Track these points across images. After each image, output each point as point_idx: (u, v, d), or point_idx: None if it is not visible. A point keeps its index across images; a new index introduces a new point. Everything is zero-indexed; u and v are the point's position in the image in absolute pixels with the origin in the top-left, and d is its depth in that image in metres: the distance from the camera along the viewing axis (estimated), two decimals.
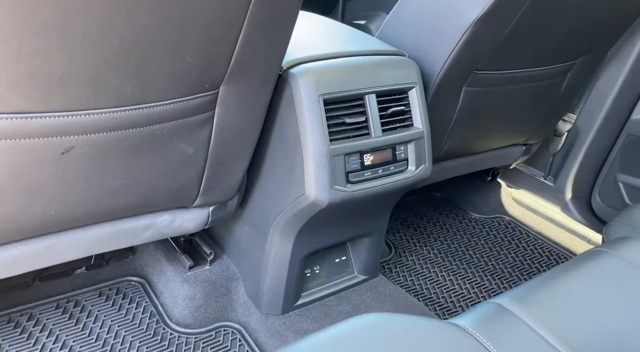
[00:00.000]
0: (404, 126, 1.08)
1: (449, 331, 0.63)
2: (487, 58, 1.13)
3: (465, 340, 0.62)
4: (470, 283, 1.48)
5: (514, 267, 1.57)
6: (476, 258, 1.59)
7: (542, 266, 1.59)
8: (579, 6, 1.10)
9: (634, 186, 1.60)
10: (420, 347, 0.59)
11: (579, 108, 1.63)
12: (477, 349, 0.61)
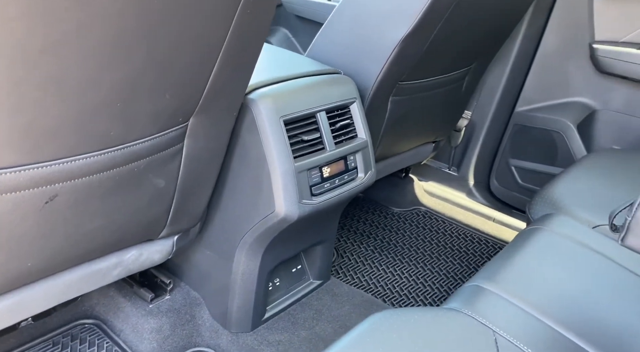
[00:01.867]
0: (350, 138, 1.18)
1: (451, 316, 0.73)
2: (409, 70, 1.28)
3: (466, 320, 0.73)
4: (409, 272, 1.63)
5: (439, 252, 1.75)
6: (407, 249, 1.75)
7: (460, 246, 1.79)
8: (476, 22, 1.30)
9: (523, 168, 1.88)
10: (437, 334, 0.68)
11: (473, 105, 1.88)
12: (478, 327, 0.72)
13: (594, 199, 1.14)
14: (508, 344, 0.69)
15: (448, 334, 0.69)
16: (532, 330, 0.72)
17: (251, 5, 0.75)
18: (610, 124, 1.69)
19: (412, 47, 1.18)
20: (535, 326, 0.73)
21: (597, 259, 0.89)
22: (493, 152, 1.96)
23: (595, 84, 1.69)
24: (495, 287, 0.81)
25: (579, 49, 1.69)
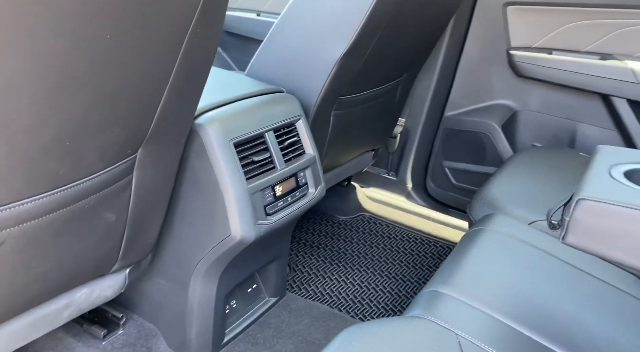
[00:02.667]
0: (299, 154, 1.20)
1: (416, 323, 0.77)
2: (349, 85, 1.32)
3: (430, 326, 0.77)
4: (360, 279, 1.67)
5: (387, 256, 1.81)
6: (356, 256, 1.79)
7: (405, 248, 1.86)
8: (405, 36, 1.37)
9: (456, 169, 1.99)
10: (407, 342, 0.71)
11: (405, 113, 1.96)
12: (441, 331, 0.76)
13: (527, 197, 1.23)
14: (471, 345, 0.73)
15: (416, 341, 0.72)
16: (491, 329, 0.78)
17: (198, 32, 0.75)
18: (531, 123, 1.83)
19: (351, 63, 1.22)
20: (492, 325, 0.79)
21: (538, 254, 0.97)
22: (427, 155, 2.06)
23: (515, 87, 1.83)
24: (452, 291, 0.85)
25: (498, 55, 1.82)
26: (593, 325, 0.84)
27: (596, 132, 1.71)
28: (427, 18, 1.42)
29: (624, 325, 0.86)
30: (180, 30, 0.71)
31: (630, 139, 1.63)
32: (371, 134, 1.71)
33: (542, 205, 1.20)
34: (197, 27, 0.73)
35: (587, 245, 0.67)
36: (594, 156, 0.81)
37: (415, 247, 1.88)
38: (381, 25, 1.18)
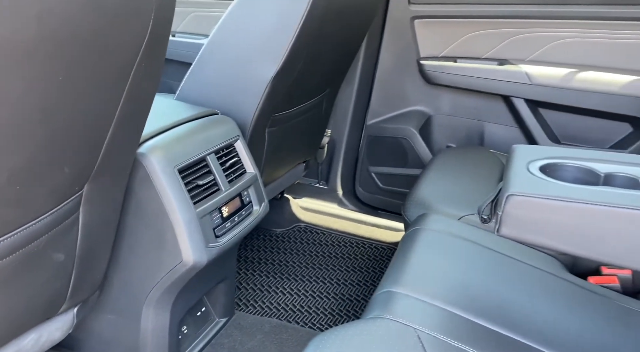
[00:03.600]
0: (240, 174, 1.22)
1: (378, 324, 0.83)
2: (281, 103, 1.36)
3: (391, 325, 0.83)
4: (304, 289, 1.71)
5: (327, 263, 1.87)
6: (298, 266, 1.84)
7: (343, 253, 1.94)
8: (328, 53, 1.44)
9: (382, 173, 2.10)
10: (374, 343, 0.77)
11: (331, 124, 2.04)
12: (402, 328, 0.82)
13: (452, 195, 1.35)
14: (428, 337, 0.81)
15: (382, 341, 0.78)
16: (443, 320, 0.86)
17: (144, 66, 0.76)
18: (444, 126, 1.99)
19: (282, 82, 1.27)
20: (443, 316, 0.87)
21: (471, 246, 1.08)
22: (354, 162, 2.16)
23: (427, 94, 1.98)
24: (404, 289, 0.93)
25: (410, 65, 1.96)
26: (525, 304, 0.95)
27: (501, 130, 1.90)
28: (345, 35, 1.51)
29: (550, 300, 0.98)
30: (127, 66, 0.72)
31: (529, 133, 1.83)
32: (302, 147, 1.77)
33: (466, 200, 1.32)
34: (142, 61, 0.74)
35: (519, 235, 0.77)
36: (511, 155, 0.93)
37: (352, 251, 1.96)
38: (308, 45, 1.24)
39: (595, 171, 0.85)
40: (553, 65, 1.75)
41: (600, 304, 1.03)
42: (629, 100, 1.65)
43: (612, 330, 0.94)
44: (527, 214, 0.75)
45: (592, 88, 1.69)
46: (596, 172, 0.85)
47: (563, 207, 0.74)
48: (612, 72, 1.68)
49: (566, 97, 1.72)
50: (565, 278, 1.09)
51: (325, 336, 0.80)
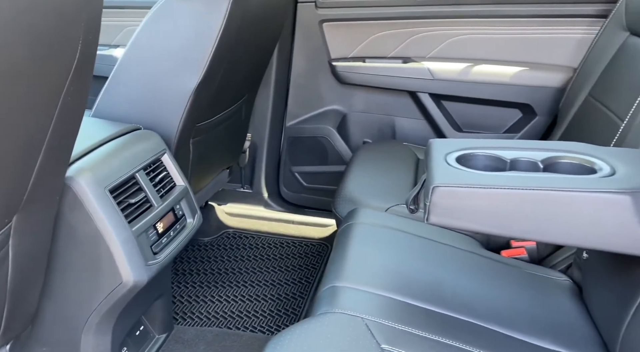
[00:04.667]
0: (171, 188, 1.21)
1: (329, 318, 0.87)
2: (203, 112, 1.37)
3: (340, 317, 0.88)
4: (242, 294, 1.72)
5: (262, 265, 1.90)
6: (231, 272, 1.84)
7: (275, 254, 1.97)
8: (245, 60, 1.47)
9: (304, 172, 2.16)
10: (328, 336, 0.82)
11: (251, 128, 2.06)
12: (350, 319, 0.87)
13: (377, 188, 1.44)
14: (376, 324, 0.87)
15: (335, 333, 0.83)
16: (387, 307, 0.93)
17: (72, 90, 0.74)
18: (359, 123, 2.09)
19: (205, 92, 1.27)
20: (387, 303, 0.94)
21: (400, 235, 1.17)
22: (276, 164, 2.19)
23: (341, 93, 2.06)
24: (347, 283, 0.99)
25: (322, 67, 2.04)
26: (452, 282, 1.06)
27: (411, 123, 2.03)
28: (260, 41, 1.54)
29: (472, 276, 1.10)
30: (56, 91, 0.70)
31: (435, 124, 1.98)
32: (226, 154, 1.78)
33: (390, 192, 1.42)
34: (71, 85, 0.73)
35: (445, 222, 0.86)
36: (428, 149, 1.02)
37: (283, 251, 2.00)
38: (227, 53, 1.26)
39: (502, 158, 0.97)
40: (451, 61, 1.91)
41: (513, 274, 1.16)
42: (517, 89, 1.85)
43: (524, 295, 1.07)
44: (451, 203, 0.84)
45: (486, 80, 1.86)
46: (503, 159, 0.97)
47: (480, 194, 0.84)
48: (502, 65, 1.87)
49: (465, 89, 1.89)
50: (482, 254, 1.21)
51: (281, 337, 0.83)
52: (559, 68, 1.80)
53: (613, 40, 1.55)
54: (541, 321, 0.99)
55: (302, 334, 0.82)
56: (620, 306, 0.88)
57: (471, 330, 0.91)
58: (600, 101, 1.46)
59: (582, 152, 0.97)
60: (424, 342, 0.85)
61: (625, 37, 1.50)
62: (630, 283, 0.87)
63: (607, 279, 0.98)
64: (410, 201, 0.98)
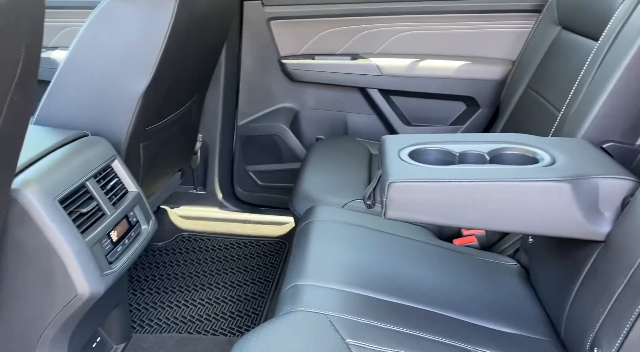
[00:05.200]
0: (123, 194, 1.18)
1: (294, 317, 0.88)
2: (153, 116, 1.34)
3: (305, 316, 0.89)
4: (201, 297, 1.70)
5: (220, 267, 1.88)
6: (188, 276, 1.81)
7: (233, 255, 1.95)
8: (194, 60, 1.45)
9: (259, 171, 2.15)
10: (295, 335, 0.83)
11: (201, 129, 2.02)
12: (315, 317, 0.89)
13: (332, 184, 1.46)
14: (340, 320, 0.89)
15: (300, 332, 0.85)
16: (349, 302, 0.95)
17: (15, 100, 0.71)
18: (311, 120, 2.10)
19: (154, 94, 1.24)
20: (349, 298, 0.96)
21: (358, 230, 1.19)
22: (230, 164, 2.17)
23: (292, 91, 2.07)
24: (309, 281, 1.00)
25: (272, 65, 2.03)
26: (410, 273, 1.09)
27: (362, 118, 2.07)
28: (208, 41, 1.52)
29: (428, 266, 1.14)
30: None
31: (386, 119, 2.02)
32: (177, 156, 1.74)
33: (346, 188, 1.44)
34: (14, 95, 0.70)
35: (403, 216, 0.88)
36: (382, 145, 1.05)
37: (241, 252, 1.99)
38: (176, 54, 1.24)
39: (451, 152, 1.01)
40: (398, 57, 1.95)
41: (465, 261, 1.21)
42: (461, 82, 1.92)
43: (477, 281, 1.13)
44: (406, 197, 0.87)
45: (432, 75, 1.92)
46: (452, 153, 1.01)
47: (433, 187, 0.87)
48: (446, 59, 1.93)
49: (412, 84, 1.94)
50: (436, 244, 1.26)
51: (246, 339, 0.84)
52: (499, 61, 1.89)
53: (547, 34, 1.64)
54: (493, 305, 1.04)
55: (267, 335, 0.83)
56: (564, 287, 0.94)
57: (430, 318, 0.95)
58: (538, 92, 1.55)
59: (524, 143, 1.02)
60: (386, 333, 0.88)
61: (558, 31, 1.59)
62: (572, 265, 0.93)
63: (551, 262, 1.05)
64: (367, 196, 1.01)
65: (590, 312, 0.84)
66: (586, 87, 1.16)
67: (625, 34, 1.07)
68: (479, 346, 0.90)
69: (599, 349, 0.79)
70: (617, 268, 0.80)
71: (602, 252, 0.86)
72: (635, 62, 1.01)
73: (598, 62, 1.15)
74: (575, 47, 1.42)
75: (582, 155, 0.96)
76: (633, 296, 0.74)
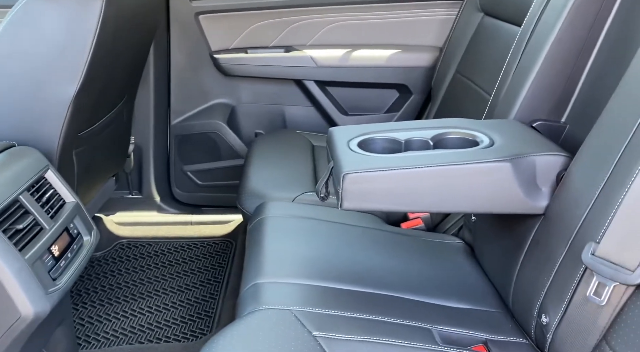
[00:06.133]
0: (61, 206, 1.11)
1: (258, 316, 0.88)
2: (85, 121, 1.26)
3: (270, 313, 0.88)
4: (149, 305, 1.64)
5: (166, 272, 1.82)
6: (132, 285, 1.74)
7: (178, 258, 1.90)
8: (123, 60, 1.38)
9: (197, 170, 2.10)
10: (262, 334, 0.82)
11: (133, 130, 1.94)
12: (279, 313, 0.88)
13: (280, 179, 1.46)
14: (304, 313, 0.90)
15: (266, 330, 0.84)
16: (311, 294, 0.96)
17: None
18: (249, 114, 2.08)
19: (85, 99, 1.17)
20: (310, 291, 0.97)
21: (312, 223, 1.20)
22: (166, 165, 2.10)
23: (226, 86, 2.03)
24: (268, 278, 1.00)
25: (203, 60, 1.98)
26: (364, 260, 1.12)
27: (300, 110, 2.07)
28: (136, 39, 1.45)
29: (381, 251, 1.17)
30: None
31: (323, 110, 2.04)
32: (111, 161, 1.66)
33: (293, 182, 1.44)
34: None
35: (359, 206, 0.90)
36: (331, 137, 1.06)
37: (186, 255, 1.94)
38: (106, 54, 1.17)
39: (397, 139, 1.04)
40: (331, 48, 1.97)
41: (414, 243, 1.26)
42: (393, 70, 1.97)
43: (427, 262, 1.17)
44: (361, 188, 0.89)
45: (365, 64, 1.96)
46: (398, 140, 1.04)
47: (385, 176, 0.90)
48: (377, 49, 1.97)
49: (346, 74, 1.97)
50: (386, 230, 1.30)
51: (213, 343, 0.82)
52: (427, 48, 1.95)
53: (471, 20, 1.72)
54: (445, 283, 1.09)
55: (234, 337, 0.82)
56: (508, 261, 1.00)
57: (390, 302, 0.98)
58: (467, 77, 1.62)
59: (464, 127, 1.07)
60: (351, 322, 0.90)
61: (481, 18, 1.68)
62: (514, 239, 1.00)
63: (494, 237, 1.11)
64: (321, 189, 1.01)
65: (535, 282, 0.90)
66: (513, 70, 1.23)
67: (545, 20, 1.15)
68: (437, 324, 0.94)
69: (545, 314, 0.85)
70: (557, 238, 0.87)
71: (542, 225, 0.93)
72: (556, 46, 1.09)
73: (522, 46, 1.22)
74: (499, 33, 1.51)
75: (517, 135, 1.03)
76: (573, 263, 0.81)
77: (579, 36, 1.07)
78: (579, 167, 0.88)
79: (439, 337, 0.91)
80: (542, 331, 0.87)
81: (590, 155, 0.86)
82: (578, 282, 0.79)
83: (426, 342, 0.88)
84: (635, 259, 0.70)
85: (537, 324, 0.89)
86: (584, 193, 0.83)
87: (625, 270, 0.71)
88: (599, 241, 0.76)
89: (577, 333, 0.78)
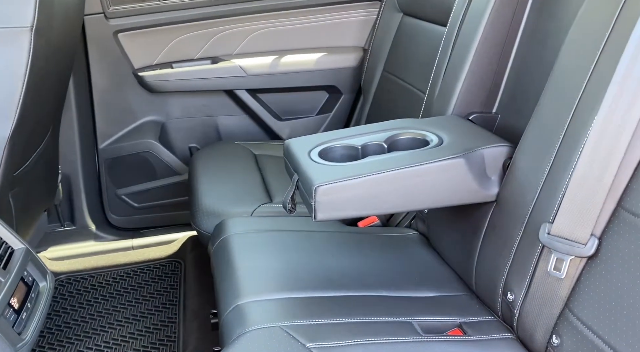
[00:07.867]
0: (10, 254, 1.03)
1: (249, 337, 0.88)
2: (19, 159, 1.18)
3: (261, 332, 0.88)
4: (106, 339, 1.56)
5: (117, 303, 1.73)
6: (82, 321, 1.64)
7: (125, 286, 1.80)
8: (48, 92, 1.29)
9: (133, 192, 2.02)
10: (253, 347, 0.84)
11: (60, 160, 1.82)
12: (269, 330, 0.89)
13: (233, 193, 1.45)
14: (293, 327, 0.91)
15: (266, 349, 0.85)
16: (293, 307, 0.97)
17: None
18: (181, 129, 2.03)
19: (20, 138, 1.10)
20: (292, 303, 0.98)
21: (277, 235, 1.21)
22: (98, 192, 2.00)
23: (153, 103, 1.97)
24: (248, 298, 1.00)
25: (127, 79, 1.90)
26: (335, 263, 1.15)
27: (234, 120, 2.06)
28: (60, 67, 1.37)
29: (346, 253, 1.21)
30: None
31: (258, 118, 2.04)
32: (44, 196, 1.56)
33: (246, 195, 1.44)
34: None
35: (332, 215, 0.93)
36: (289, 150, 1.08)
37: (133, 282, 1.86)
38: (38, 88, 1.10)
39: (354, 146, 1.08)
40: (259, 56, 1.97)
41: (374, 241, 1.32)
42: (321, 73, 2.02)
43: (390, 257, 1.24)
44: (333, 197, 0.92)
45: (293, 69, 1.99)
46: (355, 146, 1.08)
47: (356, 184, 0.93)
48: (304, 53, 2.01)
49: (277, 81, 1.99)
50: (346, 231, 1.34)
51: None
52: (352, 49, 2.02)
53: (391, 20, 1.81)
54: (412, 275, 1.16)
55: None
56: (467, 247, 1.09)
57: (369, 302, 1.02)
58: (397, 76, 1.71)
59: (412, 127, 1.14)
60: (339, 328, 0.93)
61: (401, 18, 1.77)
62: (471, 226, 1.08)
63: (450, 226, 1.20)
64: (288, 202, 1.04)
65: (496, 263, 0.99)
66: (445, 68, 1.32)
67: (469, 20, 1.25)
68: (415, 316, 1.00)
69: (511, 292, 0.94)
70: (512, 222, 0.96)
71: (496, 210, 1.02)
72: (482, 44, 1.19)
73: (451, 45, 1.32)
74: (422, 32, 1.60)
75: (460, 130, 1.12)
76: (530, 242, 0.90)
77: (500, 34, 1.18)
78: (523, 155, 0.98)
79: (419, 328, 0.97)
80: (508, 307, 0.96)
81: (533, 144, 0.96)
82: (537, 260, 0.88)
83: (410, 335, 0.93)
84: (586, 234, 0.80)
85: (502, 301, 0.98)
86: (530, 178, 0.93)
87: (578, 244, 0.81)
88: (552, 221, 0.85)
89: (542, 305, 0.88)
